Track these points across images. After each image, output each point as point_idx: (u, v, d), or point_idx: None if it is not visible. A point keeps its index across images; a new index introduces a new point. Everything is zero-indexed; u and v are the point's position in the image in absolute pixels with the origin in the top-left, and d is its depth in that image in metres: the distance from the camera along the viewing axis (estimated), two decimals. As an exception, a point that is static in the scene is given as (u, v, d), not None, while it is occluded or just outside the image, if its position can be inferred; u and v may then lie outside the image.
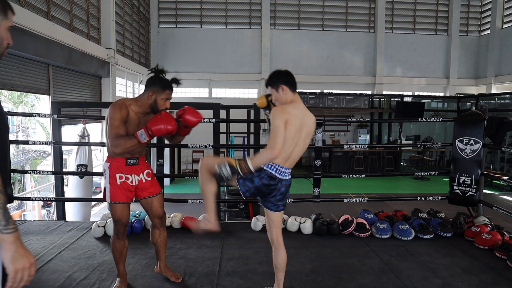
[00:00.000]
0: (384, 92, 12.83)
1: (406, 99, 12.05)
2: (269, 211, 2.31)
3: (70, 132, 6.98)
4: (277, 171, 2.16)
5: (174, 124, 2.25)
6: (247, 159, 2.10)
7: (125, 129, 2.27)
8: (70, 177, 6.04)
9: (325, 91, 12.37)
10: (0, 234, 1.06)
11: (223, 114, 6.26)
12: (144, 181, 2.44)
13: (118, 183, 2.34)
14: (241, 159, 2.12)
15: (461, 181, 3.87)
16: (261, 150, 2.12)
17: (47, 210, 9.03)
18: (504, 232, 3.48)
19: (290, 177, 2.27)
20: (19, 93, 8.85)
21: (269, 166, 2.16)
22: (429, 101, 12.60)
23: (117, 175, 2.34)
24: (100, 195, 7.67)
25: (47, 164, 10.38)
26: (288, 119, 2.10)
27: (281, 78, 2.23)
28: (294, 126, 2.12)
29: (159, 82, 2.36)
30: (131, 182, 2.39)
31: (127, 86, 10.10)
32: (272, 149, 2.04)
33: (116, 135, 2.21)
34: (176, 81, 2.44)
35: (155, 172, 3.33)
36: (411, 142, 11.59)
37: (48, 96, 6.22)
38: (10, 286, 1.08)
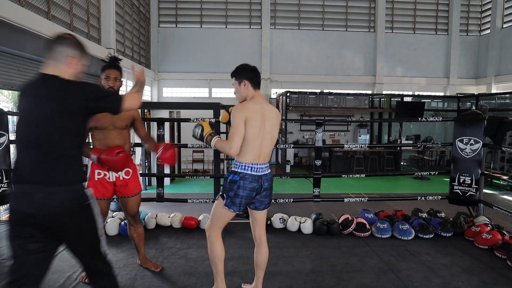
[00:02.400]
0: (384, 92, 12.82)
1: (406, 99, 12.03)
2: (253, 211, 2.35)
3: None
4: (253, 169, 2.19)
5: (121, 168, 2.51)
6: (215, 137, 2.19)
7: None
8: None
9: (325, 90, 12.36)
10: None
11: (223, 114, 6.27)
12: (121, 178, 2.58)
13: (96, 179, 2.51)
14: (211, 131, 2.23)
15: (461, 181, 3.87)
16: (221, 141, 2.20)
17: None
18: (504, 232, 3.48)
19: (269, 171, 2.31)
20: (19, 93, 8.85)
21: (243, 167, 2.19)
22: (429, 100, 12.58)
23: (96, 171, 2.53)
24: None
25: (47, 164, 10.36)
26: (247, 116, 2.13)
27: (246, 73, 2.27)
28: (255, 122, 2.15)
29: (102, 66, 2.61)
30: (108, 178, 2.55)
31: (127, 86, 10.10)
32: (229, 146, 2.10)
33: None
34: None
35: (155, 172, 3.31)
36: (411, 141, 11.58)
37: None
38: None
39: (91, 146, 2.61)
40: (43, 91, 1.61)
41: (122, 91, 9.54)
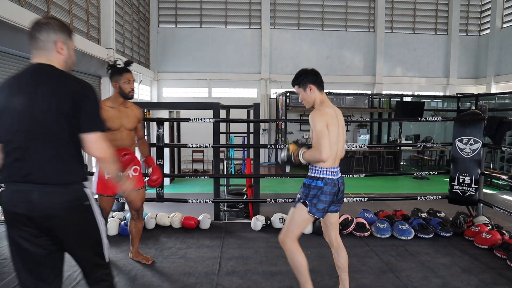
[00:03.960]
0: (384, 92, 12.83)
1: (405, 99, 12.04)
2: (328, 214, 2.27)
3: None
4: (333, 173, 2.17)
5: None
6: (301, 150, 2.15)
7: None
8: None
9: (324, 90, 12.36)
10: None
11: (222, 113, 6.25)
12: (130, 176, 2.71)
13: (106, 178, 2.59)
14: (297, 147, 2.19)
15: (461, 181, 3.87)
16: (311, 151, 2.10)
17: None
18: (504, 232, 3.49)
19: (340, 174, 2.25)
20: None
21: (325, 172, 2.15)
22: (429, 100, 12.59)
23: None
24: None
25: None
26: (328, 121, 2.10)
27: (309, 77, 2.22)
28: (334, 126, 2.13)
29: (115, 70, 2.68)
30: None
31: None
32: (319, 152, 2.03)
33: None
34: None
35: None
36: (411, 141, 11.58)
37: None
38: None
39: None
40: (38, 84, 1.49)
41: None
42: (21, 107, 1.49)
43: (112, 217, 3.85)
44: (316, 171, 2.17)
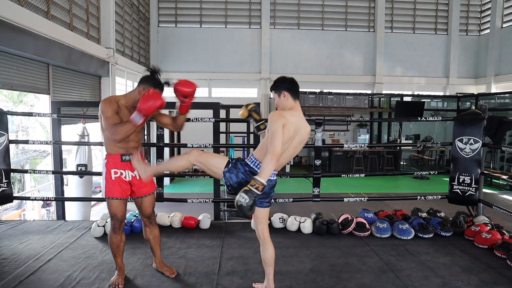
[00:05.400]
0: (383, 92, 12.83)
1: (405, 99, 12.05)
2: (256, 208, 2.36)
3: (70, 132, 6.98)
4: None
5: (162, 99, 2.35)
6: (257, 178, 2.04)
7: (119, 119, 2.39)
8: (70, 176, 6.03)
9: (324, 90, 12.36)
10: None
11: (222, 113, 6.26)
12: (138, 177, 2.53)
13: (113, 178, 2.46)
14: (254, 180, 2.05)
15: (461, 181, 3.87)
16: (264, 162, 2.06)
17: (46, 210, 9.02)
18: (504, 231, 3.49)
19: (275, 178, 2.33)
20: (18, 92, 8.85)
21: (256, 164, 2.24)
22: (429, 100, 12.59)
23: (112, 170, 2.46)
24: (100, 195, 7.67)
25: (47, 163, 10.37)
26: (284, 124, 2.14)
27: (284, 85, 2.30)
28: (288, 132, 2.17)
29: (152, 81, 2.48)
30: (125, 177, 2.49)
31: (126, 86, 10.09)
32: (272, 153, 2.05)
33: (112, 124, 2.35)
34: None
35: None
36: (410, 141, 11.59)
37: (48, 96, 6.22)
38: None
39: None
40: None
41: (121, 90, 9.43)
42: None
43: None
44: (250, 160, 2.28)
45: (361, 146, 5.28)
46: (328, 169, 11.07)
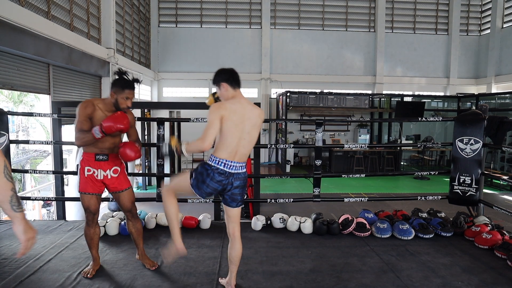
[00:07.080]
0: (384, 92, 12.83)
1: (406, 99, 12.04)
2: (227, 207, 2.41)
3: (70, 132, 6.98)
4: (226, 165, 2.24)
5: (126, 123, 2.47)
6: (183, 144, 2.23)
7: (90, 125, 2.50)
8: (70, 176, 6.04)
9: (325, 90, 12.36)
10: (14, 212, 1.42)
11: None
12: (109, 177, 2.65)
13: (86, 175, 2.60)
14: (180, 142, 2.26)
15: (461, 181, 3.86)
16: (193, 141, 2.21)
17: (47, 210, 9.03)
18: (504, 232, 3.48)
19: (244, 170, 2.35)
20: (19, 92, 8.86)
21: (217, 162, 2.25)
22: (429, 100, 12.59)
23: (86, 168, 2.60)
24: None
25: (47, 163, 10.37)
26: (224, 115, 2.18)
27: (222, 76, 2.34)
28: (231, 121, 2.20)
29: (119, 82, 2.55)
30: (97, 176, 2.62)
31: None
32: (202, 141, 2.14)
33: (79, 129, 2.49)
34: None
35: (155, 171, 3.29)
36: (411, 141, 11.58)
37: (48, 96, 6.22)
38: (22, 252, 1.44)
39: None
40: None
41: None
42: None
43: (113, 216, 3.85)
44: (210, 160, 2.30)
45: (361, 146, 5.28)
46: (328, 169, 11.07)
